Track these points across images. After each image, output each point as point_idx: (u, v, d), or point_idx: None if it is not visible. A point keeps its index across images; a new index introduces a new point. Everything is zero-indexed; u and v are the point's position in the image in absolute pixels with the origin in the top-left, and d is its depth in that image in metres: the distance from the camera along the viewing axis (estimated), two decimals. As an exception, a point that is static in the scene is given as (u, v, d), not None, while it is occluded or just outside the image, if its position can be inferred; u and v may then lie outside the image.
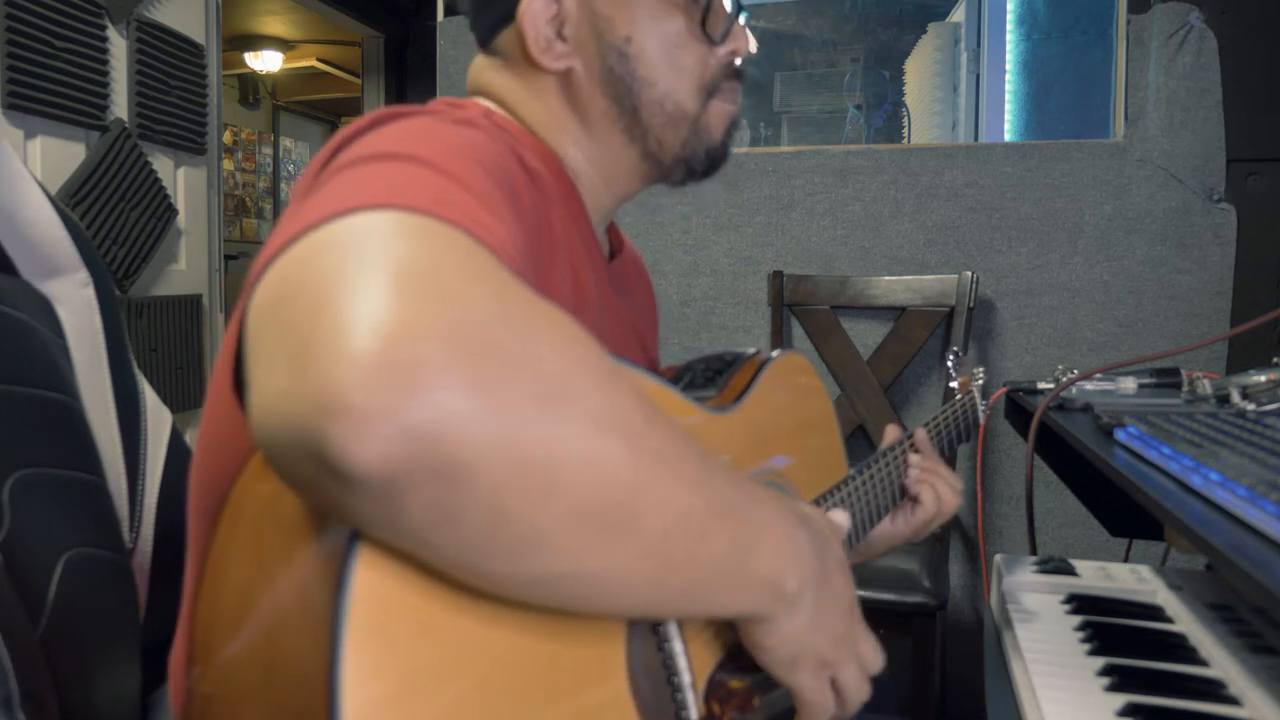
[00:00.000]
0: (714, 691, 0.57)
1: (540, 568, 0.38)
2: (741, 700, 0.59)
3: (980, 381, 1.15)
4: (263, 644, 0.40)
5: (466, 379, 0.34)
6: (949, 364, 1.21)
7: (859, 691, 0.58)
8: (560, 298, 0.62)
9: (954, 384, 1.15)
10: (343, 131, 0.55)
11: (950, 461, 1.02)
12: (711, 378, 0.76)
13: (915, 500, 0.89)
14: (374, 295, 0.34)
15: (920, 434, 0.92)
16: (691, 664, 0.55)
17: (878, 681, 1.03)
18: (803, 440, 0.80)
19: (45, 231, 0.77)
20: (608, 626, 0.49)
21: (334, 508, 0.37)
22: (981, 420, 1.12)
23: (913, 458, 0.90)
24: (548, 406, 0.36)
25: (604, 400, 0.39)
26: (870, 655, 0.59)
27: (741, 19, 0.74)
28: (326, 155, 0.54)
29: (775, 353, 0.80)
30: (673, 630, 0.54)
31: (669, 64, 0.70)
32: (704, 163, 0.75)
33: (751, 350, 0.82)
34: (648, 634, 0.52)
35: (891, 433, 0.93)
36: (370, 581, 0.37)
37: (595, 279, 0.71)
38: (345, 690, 0.35)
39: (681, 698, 0.54)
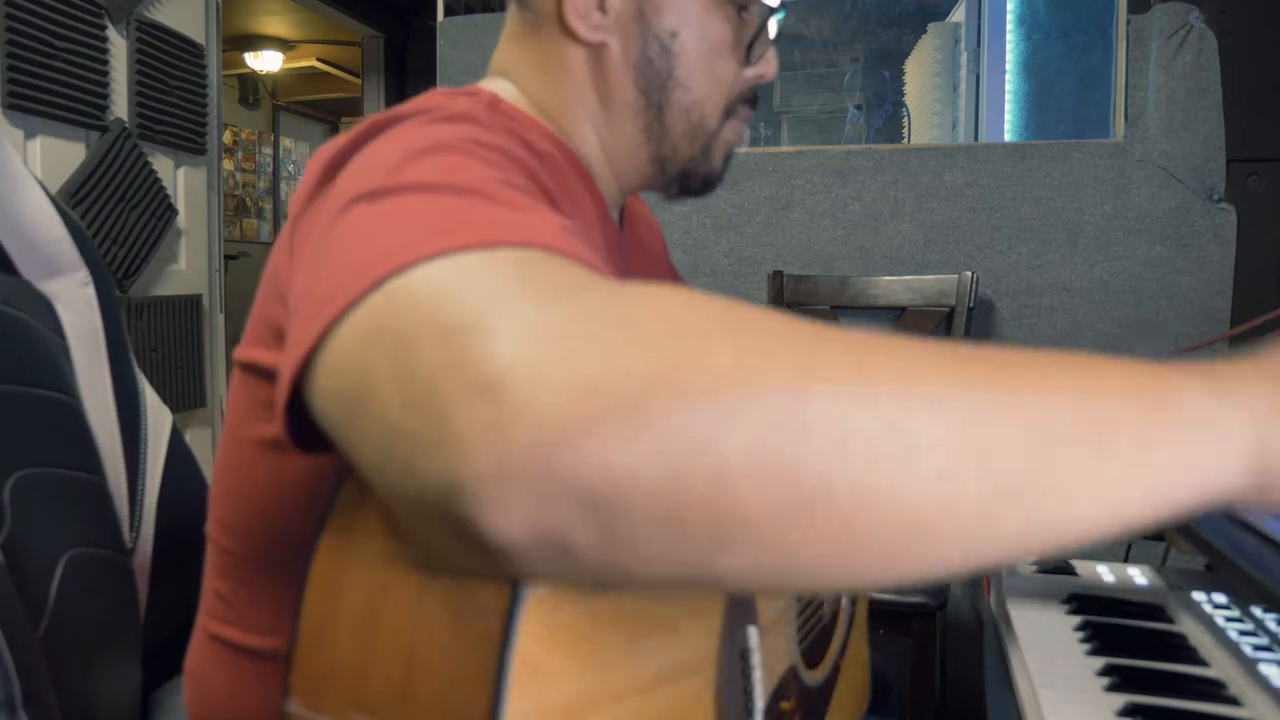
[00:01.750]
0: (769, 714, 0.57)
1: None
2: (788, 718, 0.59)
3: None
4: (402, 673, 0.36)
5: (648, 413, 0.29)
6: None
7: None
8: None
9: None
10: (336, 142, 0.51)
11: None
12: None
13: None
14: (517, 349, 0.30)
15: None
16: (763, 687, 0.55)
17: (881, 685, 1.03)
18: None
19: (46, 231, 0.77)
20: (701, 647, 0.48)
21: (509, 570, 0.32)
22: None
23: None
24: (734, 408, 0.30)
25: (808, 358, 0.31)
26: None
27: (768, 35, 0.71)
28: (320, 170, 0.50)
29: None
30: (757, 658, 0.53)
31: (707, 71, 0.68)
32: (699, 184, 0.73)
33: None
34: (734, 659, 0.51)
35: None
36: (538, 616, 0.34)
37: (612, 261, 0.69)
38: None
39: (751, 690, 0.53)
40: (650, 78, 0.67)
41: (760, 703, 0.53)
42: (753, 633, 0.53)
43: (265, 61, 5.29)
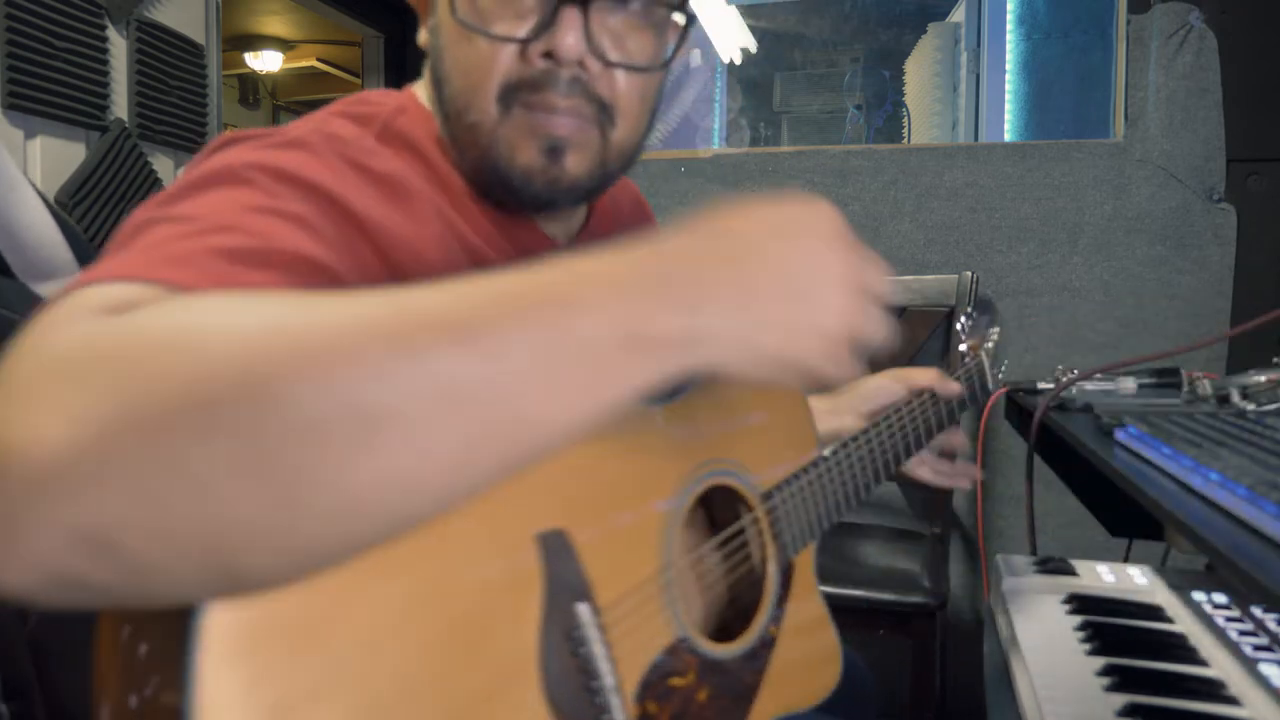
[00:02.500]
0: (651, 691, 0.55)
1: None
2: (686, 694, 0.56)
3: (990, 344, 1.11)
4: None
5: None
6: (958, 325, 1.15)
7: (880, 323, 0.50)
8: None
9: (963, 347, 1.10)
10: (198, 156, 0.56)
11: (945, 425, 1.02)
12: None
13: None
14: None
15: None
16: (618, 666, 0.53)
17: (857, 675, 1.01)
18: (762, 426, 0.74)
19: (41, 235, 0.77)
20: (518, 635, 0.48)
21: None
22: (992, 388, 1.08)
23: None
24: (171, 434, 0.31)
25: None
26: (874, 268, 0.50)
27: (569, 17, 0.59)
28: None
29: None
30: (590, 633, 0.52)
31: (460, 57, 0.62)
32: (503, 191, 0.64)
33: None
34: (561, 640, 0.50)
35: (919, 376, 0.95)
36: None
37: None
38: None
39: (603, 702, 0.51)
40: (434, 74, 0.65)
41: (610, 680, 0.52)
42: (584, 610, 0.52)
43: (265, 61, 5.28)
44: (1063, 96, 2.70)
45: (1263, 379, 0.98)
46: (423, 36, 0.67)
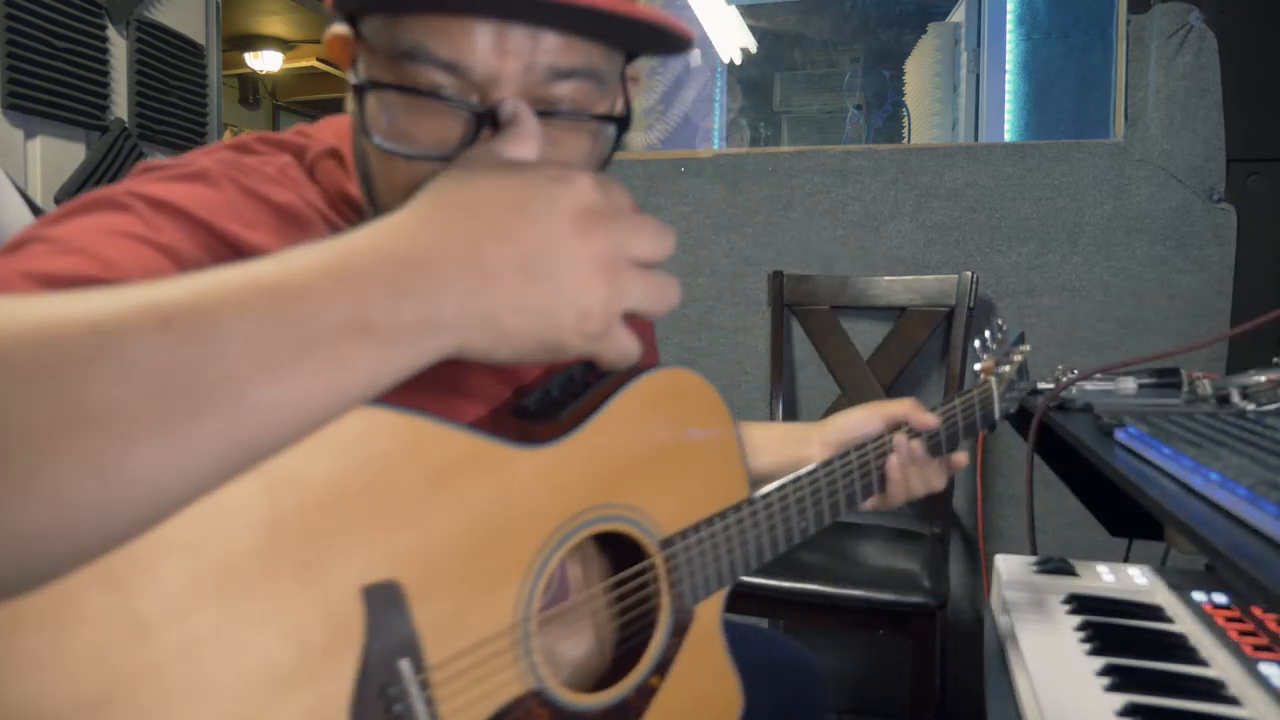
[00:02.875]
0: None
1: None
2: None
3: (1007, 368, 1.04)
4: None
5: None
6: (977, 343, 1.07)
7: (647, 293, 0.50)
8: None
9: (977, 366, 1.04)
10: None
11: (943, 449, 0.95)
12: (567, 394, 0.68)
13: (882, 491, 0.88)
14: None
15: (899, 439, 0.88)
16: None
17: (807, 673, 0.99)
18: (677, 468, 0.71)
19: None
20: (327, 693, 0.47)
21: None
22: (1000, 416, 1.01)
23: (891, 462, 0.87)
24: None
25: None
26: (642, 236, 0.50)
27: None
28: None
29: (650, 371, 0.70)
30: (410, 690, 0.51)
31: (379, 169, 0.58)
32: None
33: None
34: (375, 698, 0.50)
35: (894, 408, 0.89)
36: None
37: None
38: None
39: None
40: (359, 166, 0.61)
41: None
42: (405, 667, 0.51)
43: (265, 61, 5.29)
44: (1063, 96, 2.70)
45: (1263, 379, 0.98)
46: (349, 103, 0.62)
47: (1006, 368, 1.04)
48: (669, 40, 0.57)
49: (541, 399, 0.68)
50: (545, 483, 0.61)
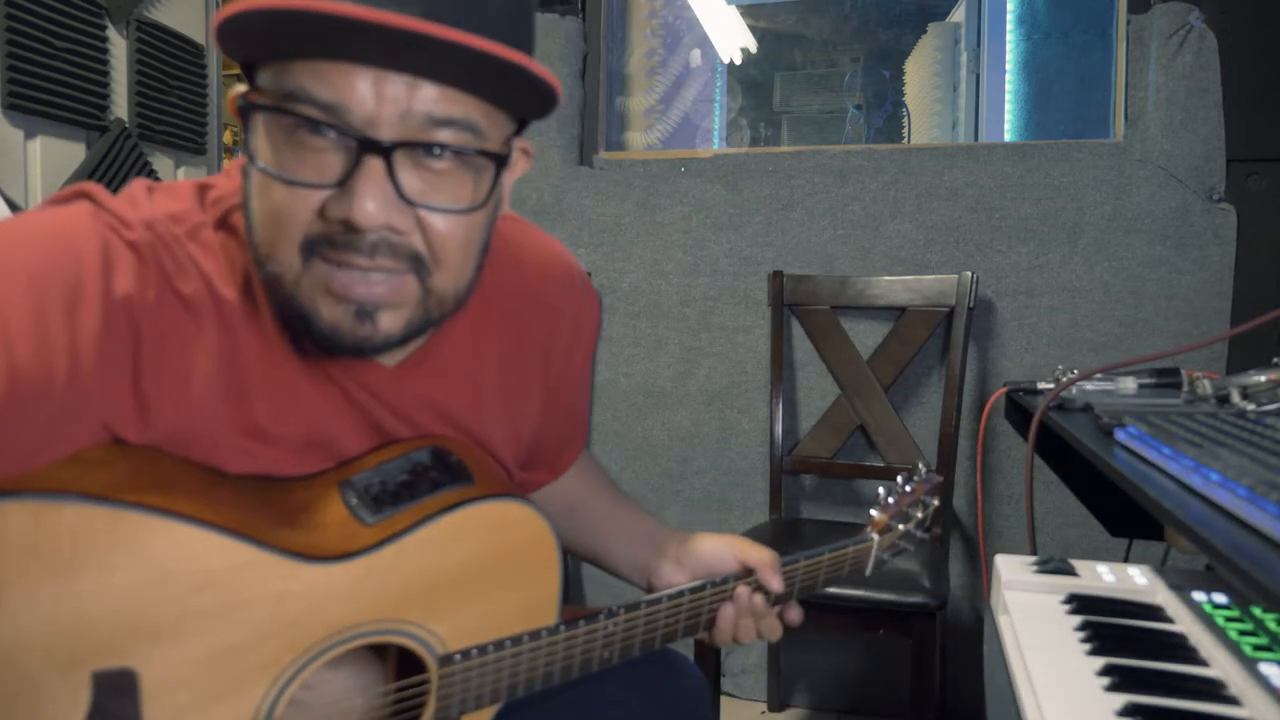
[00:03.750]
0: None
1: None
2: None
3: (900, 526, 0.98)
4: None
5: None
6: (881, 489, 0.98)
7: None
8: (181, 396, 0.61)
9: (873, 513, 0.97)
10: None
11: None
12: (394, 497, 0.69)
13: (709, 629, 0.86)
14: None
15: (741, 591, 0.86)
16: None
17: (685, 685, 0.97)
18: (481, 592, 0.72)
19: None
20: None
21: None
22: (869, 574, 0.97)
23: (725, 611, 0.85)
24: None
25: None
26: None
27: (370, 174, 0.56)
28: None
29: (486, 499, 0.71)
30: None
31: (259, 205, 0.60)
32: (310, 341, 0.63)
33: (466, 482, 0.72)
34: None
35: (753, 555, 0.86)
36: None
37: (343, 386, 0.68)
38: None
39: None
40: (244, 212, 0.63)
41: None
42: None
43: (265, 61, 5.28)
44: (1063, 96, 2.70)
45: (1263, 379, 0.98)
46: (240, 159, 0.64)
47: (903, 525, 0.99)
48: (535, 87, 0.58)
49: (369, 488, 0.69)
50: (323, 596, 0.63)
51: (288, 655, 0.62)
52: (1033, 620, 0.75)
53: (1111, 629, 0.72)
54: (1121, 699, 0.59)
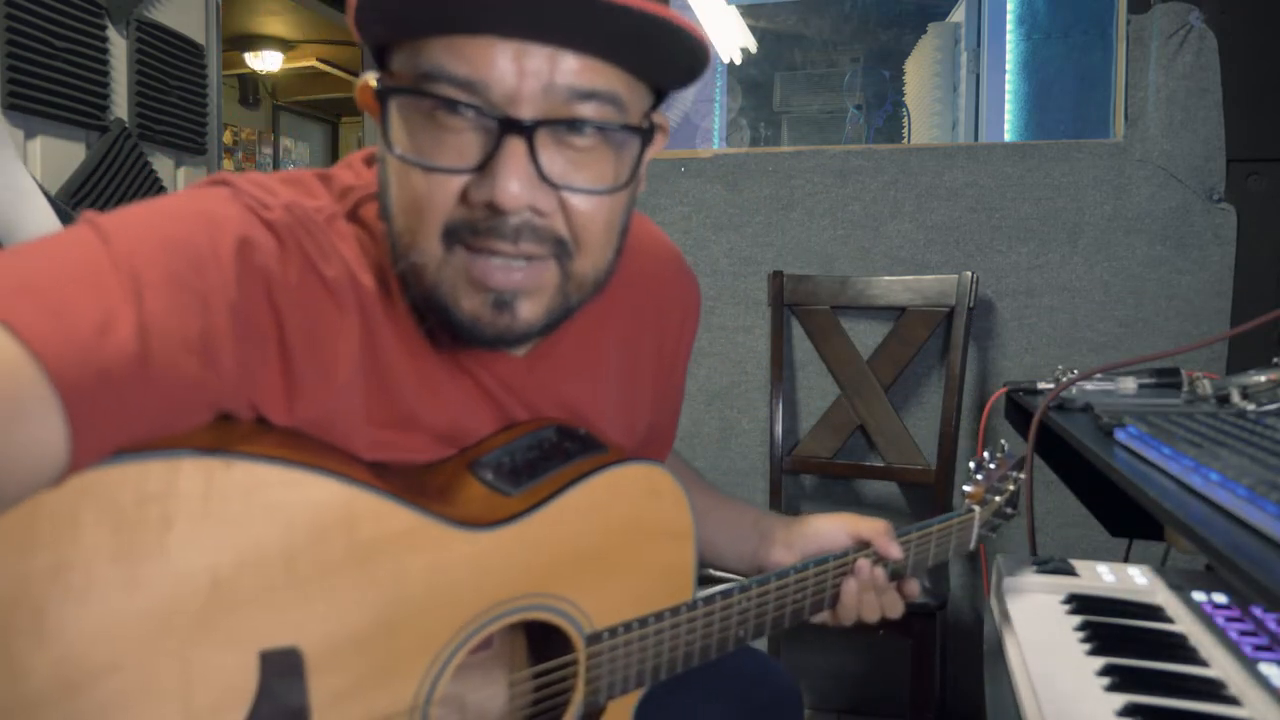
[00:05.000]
0: None
1: None
2: None
3: (999, 498, 0.99)
4: None
5: None
6: (972, 464, 1.00)
7: None
8: (321, 393, 0.59)
9: (967, 488, 0.98)
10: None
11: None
12: (531, 468, 0.67)
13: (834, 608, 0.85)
14: None
15: (862, 564, 0.85)
16: None
17: (783, 696, 0.98)
18: (624, 564, 0.70)
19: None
20: None
21: None
22: (974, 546, 0.97)
23: (848, 585, 0.84)
24: None
25: None
26: None
27: (512, 155, 0.55)
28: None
29: (622, 464, 0.69)
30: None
31: (400, 194, 0.58)
32: (450, 333, 0.62)
33: (600, 450, 0.70)
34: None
35: (866, 527, 0.85)
36: None
37: (476, 376, 0.67)
38: None
39: None
40: (381, 206, 0.61)
41: None
42: None
43: (265, 61, 5.28)
44: (1063, 96, 2.70)
45: (1263, 379, 0.98)
46: (379, 148, 0.63)
47: (998, 497, 0.99)
48: (685, 45, 0.56)
49: (501, 465, 0.67)
50: (480, 566, 0.61)
51: (444, 635, 0.60)
52: (1033, 620, 0.75)
53: (1111, 629, 0.72)
54: (1121, 699, 0.59)
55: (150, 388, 0.48)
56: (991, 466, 1.01)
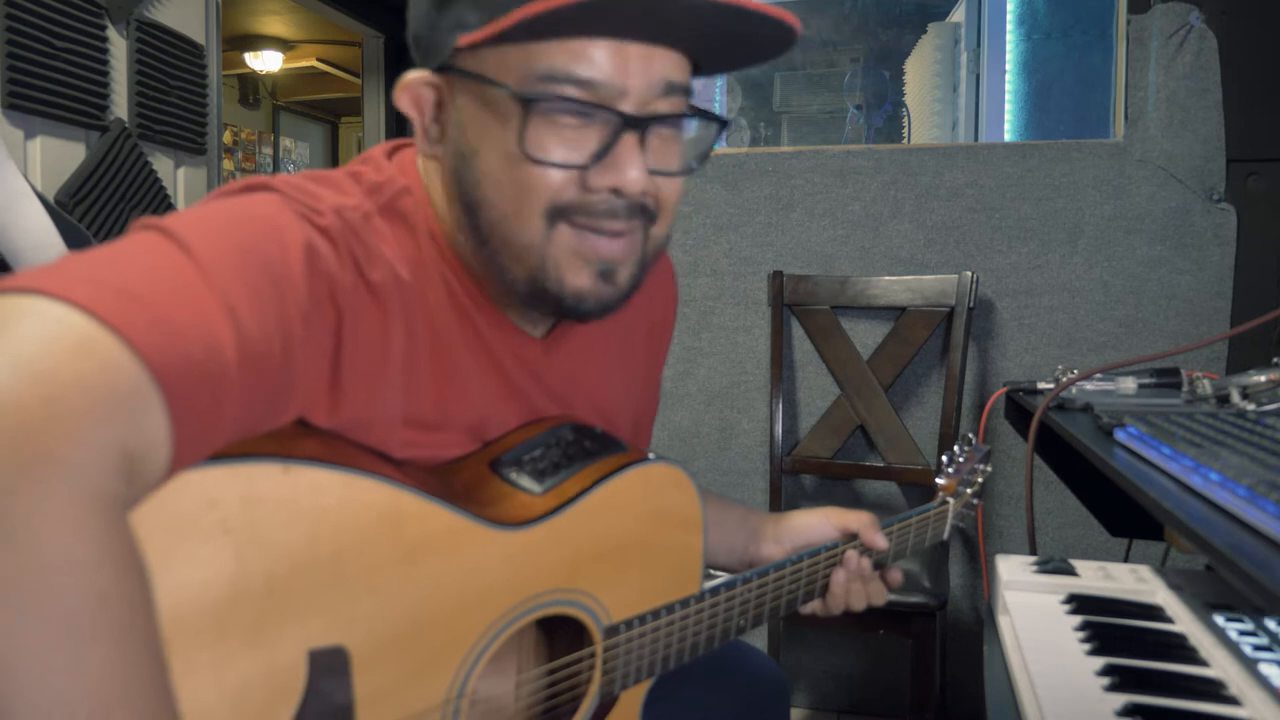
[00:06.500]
0: None
1: None
2: None
3: (969, 490, 1.03)
4: None
5: None
6: (944, 457, 1.05)
7: None
8: (391, 387, 0.62)
9: (940, 480, 1.03)
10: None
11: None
12: (554, 466, 0.69)
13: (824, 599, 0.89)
14: None
15: (850, 555, 0.89)
16: None
17: (769, 686, 1.00)
18: (640, 559, 0.73)
19: (40, 244, 0.78)
20: None
21: None
22: (947, 536, 1.03)
23: (837, 576, 0.88)
24: None
25: None
26: None
27: (632, 148, 0.61)
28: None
29: (643, 461, 0.72)
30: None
31: (507, 181, 0.62)
32: (562, 305, 0.65)
33: (624, 446, 0.74)
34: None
35: (851, 520, 0.90)
36: None
37: (501, 361, 0.69)
38: None
39: None
40: (463, 195, 0.64)
41: None
42: None
43: (265, 61, 5.29)
44: (1063, 96, 2.70)
45: (1263, 379, 0.98)
46: (429, 147, 0.67)
47: (968, 489, 1.03)
48: (776, 31, 0.62)
49: (523, 463, 0.69)
50: (511, 564, 0.63)
51: (475, 631, 0.62)
52: (1033, 620, 0.75)
53: (1111, 629, 0.72)
54: (1121, 699, 0.59)
55: (246, 404, 0.50)
56: (961, 460, 1.04)
